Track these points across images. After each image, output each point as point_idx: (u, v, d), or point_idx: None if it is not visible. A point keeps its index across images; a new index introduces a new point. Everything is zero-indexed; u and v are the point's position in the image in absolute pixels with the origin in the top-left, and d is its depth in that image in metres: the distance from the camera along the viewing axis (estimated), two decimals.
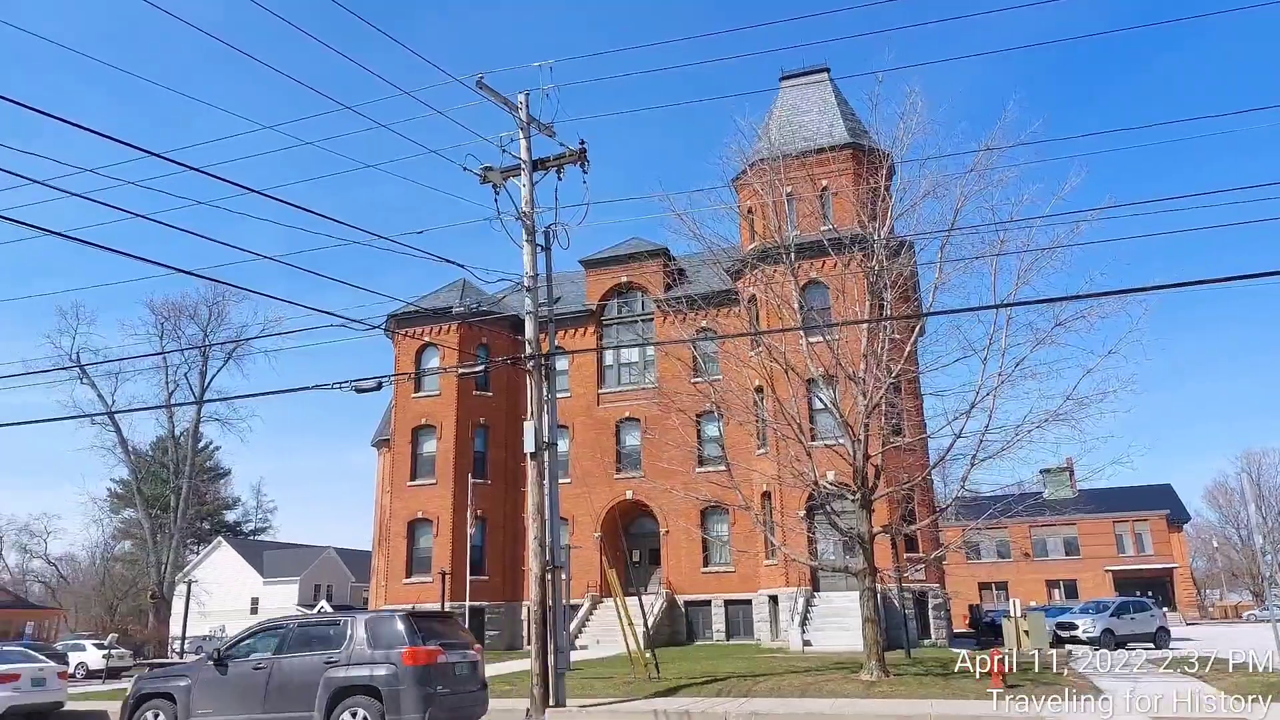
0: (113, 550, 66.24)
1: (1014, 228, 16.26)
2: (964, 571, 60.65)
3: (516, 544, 34.66)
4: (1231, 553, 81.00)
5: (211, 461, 69.09)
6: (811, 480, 18.05)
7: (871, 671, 16.20)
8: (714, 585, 32.85)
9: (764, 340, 20.82)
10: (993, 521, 19.55)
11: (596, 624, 31.86)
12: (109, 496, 65.50)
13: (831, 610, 27.07)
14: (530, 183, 15.75)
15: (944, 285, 17.57)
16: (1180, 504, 66.17)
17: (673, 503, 30.59)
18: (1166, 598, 56.53)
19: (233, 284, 41.94)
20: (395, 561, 35.12)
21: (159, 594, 42.71)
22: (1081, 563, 61.90)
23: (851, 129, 30.80)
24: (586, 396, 36.18)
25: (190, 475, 44.31)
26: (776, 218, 19.94)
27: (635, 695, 15.23)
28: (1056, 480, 58.76)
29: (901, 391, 19.01)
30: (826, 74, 33.58)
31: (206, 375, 42.82)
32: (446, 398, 35.65)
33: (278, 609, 67.76)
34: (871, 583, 17.19)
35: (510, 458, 35.43)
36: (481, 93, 15.29)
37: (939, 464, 17.99)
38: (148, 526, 43.64)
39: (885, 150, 19.12)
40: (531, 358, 15.30)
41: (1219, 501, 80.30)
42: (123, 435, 43.42)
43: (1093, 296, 14.78)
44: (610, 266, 37.02)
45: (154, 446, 56.54)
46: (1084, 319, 15.97)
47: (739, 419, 22.04)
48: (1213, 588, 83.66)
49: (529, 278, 15.54)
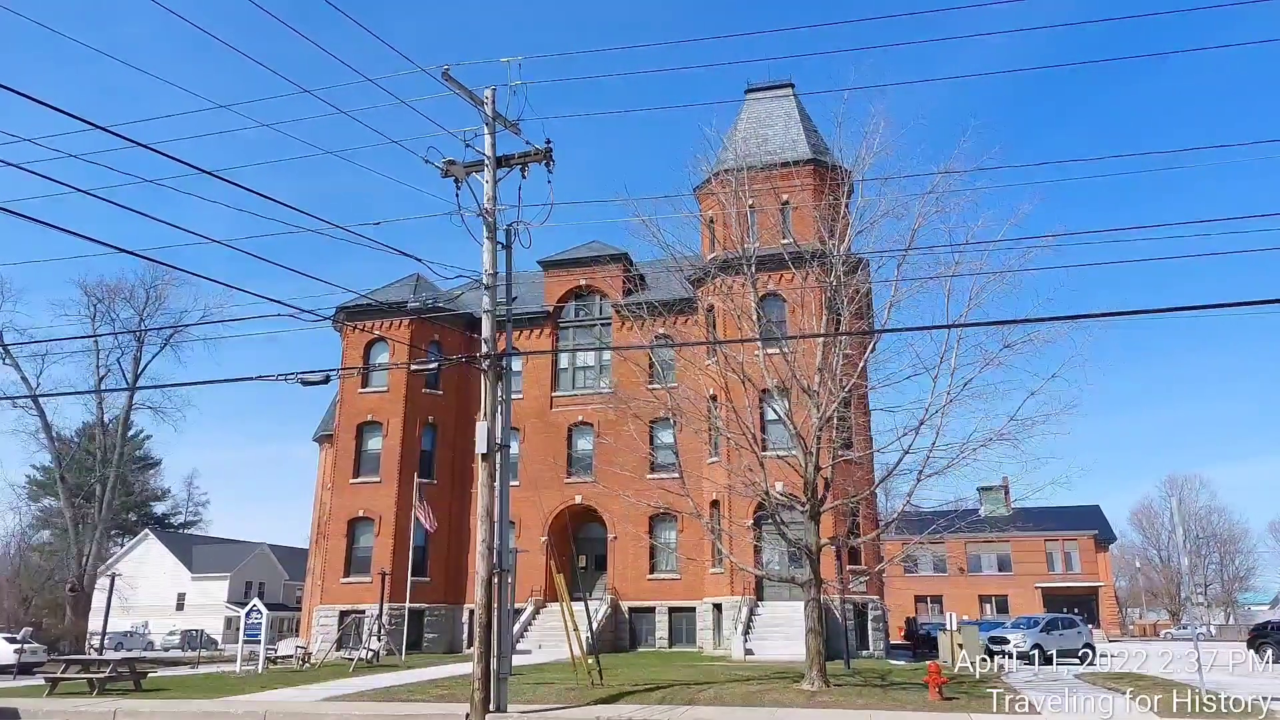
0: (30, 540, 63.04)
1: (968, 250, 16.68)
2: (901, 585, 62.02)
3: (461, 546, 34.12)
4: (1152, 573, 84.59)
5: (142, 451, 66.44)
6: (762, 490, 18.16)
7: (813, 682, 16.34)
8: (659, 592, 32.83)
9: (721, 349, 20.90)
10: (932, 537, 19.97)
11: (539, 628, 31.53)
12: (29, 483, 62.40)
13: (775, 620, 27.29)
14: (493, 179, 15.52)
15: (898, 303, 17.92)
16: (1108, 524, 68.86)
17: (622, 508, 30.50)
18: (1092, 614, 58.72)
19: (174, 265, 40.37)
20: (333, 560, 34.23)
21: (79, 587, 40.70)
22: (1014, 579, 63.85)
23: (814, 145, 31.29)
24: (540, 399, 35.87)
25: (118, 464, 42.42)
26: (738, 229, 20.08)
27: (578, 702, 15.06)
28: (992, 498, 60.54)
29: (852, 406, 19.30)
30: (791, 89, 34.07)
31: (141, 361, 41.05)
32: (395, 394, 34.94)
33: (206, 606, 65.61)
34: (817, 594, 17.36)
35: (459, 458, 34.90)
36: (447, 85, 14.99)
37: (888, 477, 18.30)
38: (69, 516, 41.59)
39: (847, 168, 19.43)
40: (487, 357, 15.05)
41: (1143, 523, 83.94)
42: (47, 420, 41.34)
43: (1040, 321, 15.25)
44: (570, 269, 36.83)
45: (80, 433, 54.04)
46: (1031, 342, 16.44)
47: (693, 426, 22.09)
48: (1133, 606, 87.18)
49: (488, 275, 15.29)
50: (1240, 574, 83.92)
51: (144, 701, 16.65)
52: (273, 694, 17.82)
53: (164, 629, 59.12)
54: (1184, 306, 11.21)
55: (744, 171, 20.78)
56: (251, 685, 19.54)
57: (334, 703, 16.08)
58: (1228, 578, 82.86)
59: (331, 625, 32.30)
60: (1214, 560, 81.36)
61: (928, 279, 17.34)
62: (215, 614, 64.29)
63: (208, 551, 69.56)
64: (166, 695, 18.05)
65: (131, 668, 20.27)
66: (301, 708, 15.68)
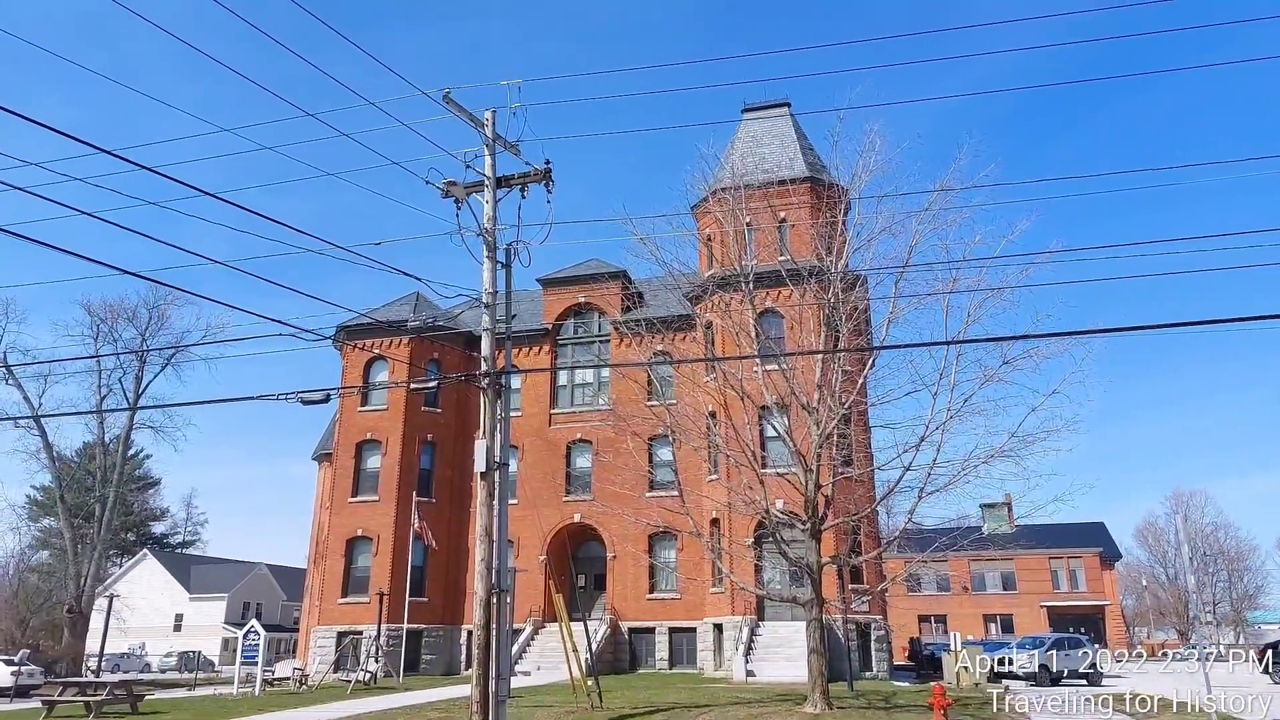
0: (29, 560, 62.74)
1: (966, 267, 16.68)
2: (904, 604, 61.50)
3: (459, 565, 33.88)
4: (1159, 591, 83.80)
5: (141, 470, 66.18)
6: (762, 508, 18.04)
7: (816, 704, 16.13)
8: (659, 612, 32.53)
9: (720, 366, 20.86)
10: (935, 555, 19.79)
11: (538, 649, 31.21)
12: (29, 504, 62.17)
13: (776, 640, 27.00)
14: (493, 199, 15.57)
15: (897, 320, 17.91)
16: (1112, 542, 68.32)
17: (622, 527, 30.30)
18: (1098, 634, 58.08)
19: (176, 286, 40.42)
20: (331, 580, 33.97)
21: (76, 608, 40.41)
22: (1018, 598, 63.25)
23: (810, 163, 31.41)
24: (538, 416, 35.77)
25: (118, 483, 42.28)
26: (736, 246, 20.11)
27: None
28: (995, 515, 60.15)
29: (852, 423, 19.21)
30: (787, 108, 34.28)
31: (142, 380, 41.07)
32: (394, 413, 34.86)
33: (203, 626, 65.09)
34: (818, 613, 17.19)
35: (458, 476, 34.74)
36: (447, 107, 15.09)
37: (889, 495, 18.17)
38: (69, 536, 41.39)
39: (843, 186, 19.48)
40: (487, 375, 15.01)
41: (1148, 540, 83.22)
42: (48, 440, 41.29)
43: (1040, 337, 15.20)
44: (569, 286, 36.88)
45: (81, 453, 53.94)
46: (1031, 358, 16.40)
47: (692, 444, 21.99)
48: (1140, 625, 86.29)
49: (487, 294, 15.29)
50: (1249, 592, 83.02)
51: None
52: (269, 716, 17.63)
53: (161, 650, 58.62)
54: (1187, 322, 11.17)
55: (741, 190, 20.85)
56: (248, 708, 19.34)
57: None
58: (1236, 596, 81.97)
59: (329, 646, 32.01)
60: (1222, 578, 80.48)
61: (926, 295, 17.35)
62: (213, 635, 63.78)
63: (205, 571, 69.13)
64: (163, 718, 17.86)
65: (128, 690, 20.09)
66: None
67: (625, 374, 31.22)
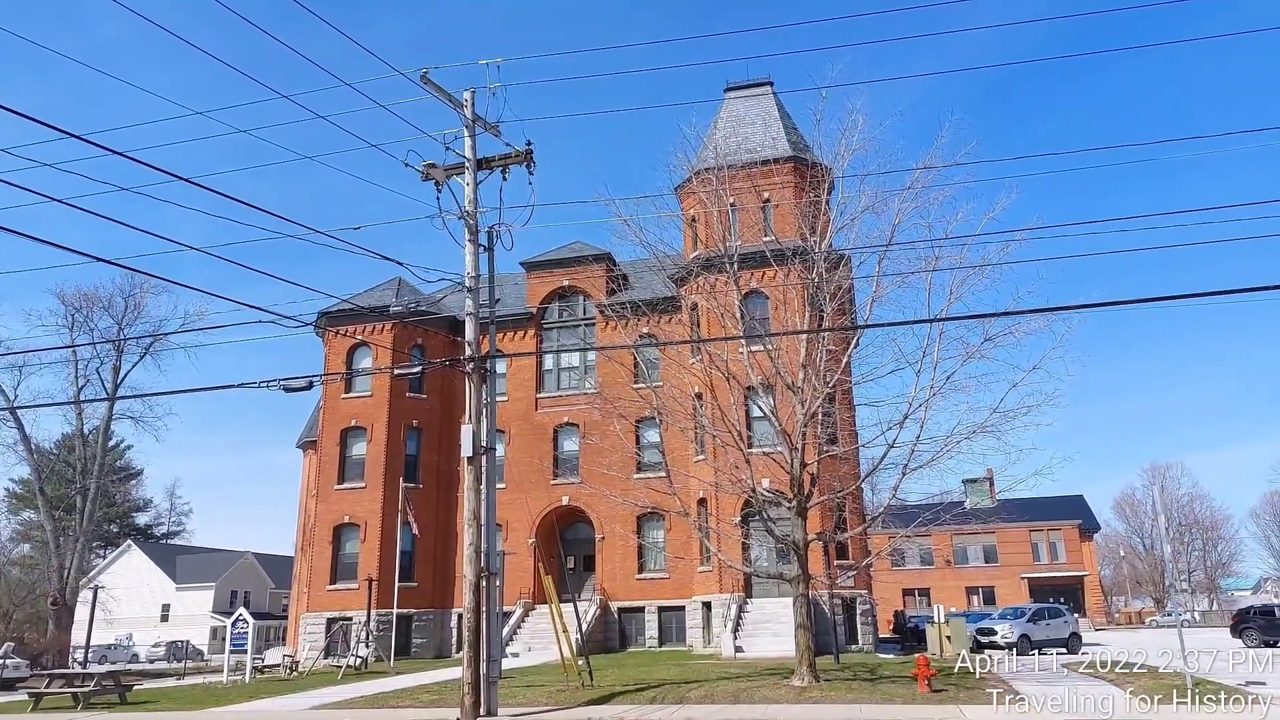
0: (10, 553, 62.15)
1: (948, 245, 16.79)
2: (889, 578, 62.43)
3: (448, 550, 33.97)
4: (1136, 561, 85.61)
5: (123, 461, 65.52)
6: (749, 487, 18.19)
7: (803, 677, 16.39)
8: (648, 592, 32.82)
9: (705, 348, 20.92)
10: (919, 530, 20.08)
11: (528, 631, 31.44)
12: (7, 497, 61.53)
13: (764, 616, 27.36)
14: (474, 182, 15.47)
15: (880, 299, 18.01)
16: (1091, 514, 69.62)
17: (610, 509, 30.46)
18: (1078, 604, 59.28)
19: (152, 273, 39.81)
20: (319, 567, 33.96)
21: (60, 600, 40.13)
22: (1000, 570, 64.38)
23: (794, 143, 31.38)
24: (524, 401, 35.75)
25: (99, 475, 41.86)
26: (720, 227, 20.11)
27: (568, 703, 15.03)
28: (977, 490, 61.01)
29: (836, 401, 19.37)
30: (770, 87, 34.16)
31: (120, 370, 40.55)
32: (378, 399, 34.71)
33: (191, 616, 64.88)
34: (805, 589, 17.42)
35: (444, 461, 34.73)
36: (426, 88, 14.92)
37: (873, 472, 18.39)
38: (50, 529, 41.01)
39: (826, 165, 19.50)
40: (471, 359, 14.98)
41: (1126, 512, 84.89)
42: (25, 432, 40.77)
43: (1021, 314, 15.38)
44: (552, 269, 36.74)
45: (59, 444, 53.30)
46: (1011, 335, 16.58)
47: (679, 425, 22.09)
48: (1118, 594, 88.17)
49: (470, 278, 15.22)
50: (1223, 560, 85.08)
51: (130, 715, 16.47)
52: (260, 703, 17.67)
53: (149, 641, 58.41)
54: (1162, 296, 11.36)
55: (724, 170, 20.81)
56: (239, 695, 19.36)
57: (322, 711, 15.97)
58: (1211, 564, 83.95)
59: (319, 633, 32.04)
60: (1197, 547, 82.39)
61: (909, 274, 17.45)
62: (201, 624, 63.61)
63: (192, 561, 68.80)
64: (153, 708, 17.86)
65: (116, 681, 20.05)
66: (289, 716, 15.57)
67: (611, 357, 31.24)
